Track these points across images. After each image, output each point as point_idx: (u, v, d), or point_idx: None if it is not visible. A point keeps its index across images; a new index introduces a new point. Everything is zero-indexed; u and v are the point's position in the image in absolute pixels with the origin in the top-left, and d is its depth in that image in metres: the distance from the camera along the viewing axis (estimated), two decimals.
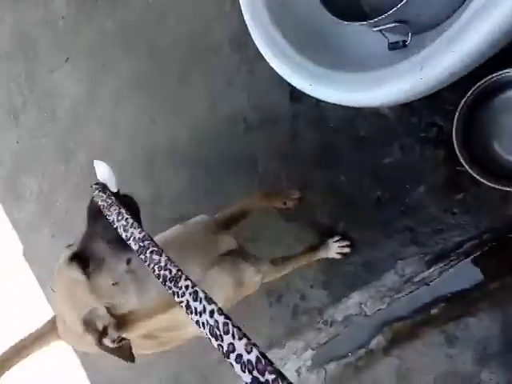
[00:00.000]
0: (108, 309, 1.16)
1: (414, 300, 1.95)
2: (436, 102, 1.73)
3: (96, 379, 3.08)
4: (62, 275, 1.15)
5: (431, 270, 1.87)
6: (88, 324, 1.13)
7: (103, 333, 1.14)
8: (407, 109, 1.78)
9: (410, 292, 1.95)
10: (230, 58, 2.13)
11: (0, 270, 3.33)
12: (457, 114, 1.59)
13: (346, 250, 2.01)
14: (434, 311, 1.92)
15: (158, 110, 2.36)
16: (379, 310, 2.02)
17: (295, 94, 2.00)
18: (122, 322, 1.20)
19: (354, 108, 1.86)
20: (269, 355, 1.86)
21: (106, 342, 1.14)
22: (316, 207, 2.01)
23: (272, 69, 1.95)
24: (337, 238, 2.02)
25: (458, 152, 1.60)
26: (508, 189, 1.47)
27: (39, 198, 2.92)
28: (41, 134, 2.82)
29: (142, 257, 0.89)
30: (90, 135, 2.61)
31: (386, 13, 1.23)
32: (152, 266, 0.86)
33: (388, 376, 2.03)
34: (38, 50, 2.76)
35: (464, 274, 1.84)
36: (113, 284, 1.17)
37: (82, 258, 1.13)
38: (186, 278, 0.77)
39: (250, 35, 1.58)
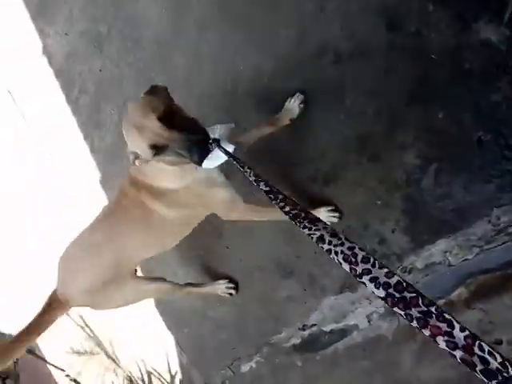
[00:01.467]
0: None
1: (505, 252, 1.82)
2: None
3: (164, 307, 3.17)
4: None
5: None
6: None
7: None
8: None
9: (503, 243, 1.81)
10: None
11: (77, 196, 3.44)
12: None
13: (333, 219, 2.10)
14: None
15: (242, 40, 2.27)
16: (465, 260, 1.91)
17: (393, 23, 1.84)
18: None
19: (459, 36, 1.71)
20: (340, 298, 1.82)
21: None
22: (406, 146, 1.88)
23: None
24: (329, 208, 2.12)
25: None
26: None
27: (119, 126, 2.95)
28: (123, 63, 2.82)
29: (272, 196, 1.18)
30: (172, 65, 2.57)
31: None
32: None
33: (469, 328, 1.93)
34: None
35: None
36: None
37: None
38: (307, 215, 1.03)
39: None
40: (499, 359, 0.61)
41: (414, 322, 0.68)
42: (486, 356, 0.62)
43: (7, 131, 3.79)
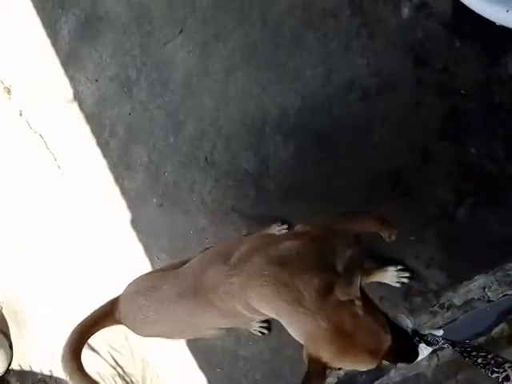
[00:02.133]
0: None
1: None
2: None
3: (195, 345, 3.15)
4: None
5: None
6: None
7: None
8: None
9: None
10: (349, 21, 2.02)
11: (108, 238, 3.48)
12: None
13: (404, 279, 1.99)
14: None
15: (269, 80, 2.32)
16: (505, 295, 1.86)
17: (419, 58, 1.86)
18: None
19: (488, 71, 1.71)
20: None
21: None
22: (439, 181, 1.86)
23: (394, 32, 1.83)
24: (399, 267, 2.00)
25: None
26: None
27: (148, 168, 3.01)
28: (152, 106, 2.89)
29: None
30: (200, 106, 2.63)
31: None
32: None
33: None
34: (153, 22, 2.81)
35: None
36: None
37: None
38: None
39: None
40: None
41: None
42: None
43: (40, 176, 3.88)
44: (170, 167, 2.89)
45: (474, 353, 1.06)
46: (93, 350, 3.85)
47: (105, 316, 1.90)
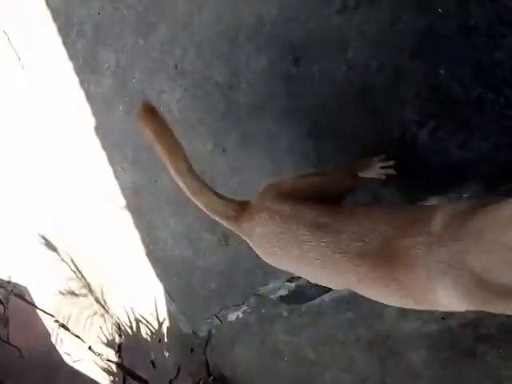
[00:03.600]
0: None
1: None
2: None
3: (154, 256, 3.19)
4: None
5: None
6: None
7: None
8: None
9: None
10: None
11: (71, 144, 3.42)
12: None
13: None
14: None
15: None
16: None
17: None
18: None
19: None
20: None
21: None
22: (406, 101, 1.87)
23: None
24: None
25: None
26: None
27: (116, 72, 2.91)
28: (123, 5, 2.74)
29: None
30: (173, 9, 2.51)
31: None
32: None
33: None
34: None
35: None
36: None
37: None
38: None
39: None
40: None
41: None
42: None
43: (1, 72, 3.71)
44: (139, 73, 2.80)
45: None
46: (53, 249, 3.89)
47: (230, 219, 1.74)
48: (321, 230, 1.43)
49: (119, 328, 3.87)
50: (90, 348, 4.14)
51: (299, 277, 2.44)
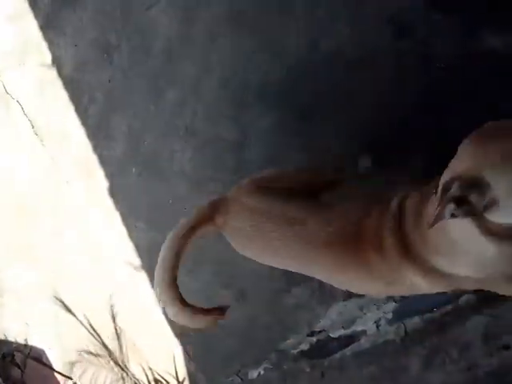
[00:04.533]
0: None
1: None
2: None
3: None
4: None
5: None
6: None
7: None
8: None
9: None
10: None
11: (86, 206, 3.47)
12: None
13: None
14: None
15: (253, 48, 2.32)
16: None
17: (401, 31, 1.89)
18: None
19: (466, 47, 1.75)
20: (348, 303, 1.82)
21: None
22: (418, 153, 1.91)
23: (379, 3, 1.85)
24: None
25: None
26: None
27: (128, 137, 2.99)
28: (133, 73, 2.86)
29: None
30: (182, 73, 2.62)
31: None
32: None
33: (475, 334, 1.95)
34: None
35: None
36: None
37: None
38: None
39: None
40: None
41: None
42: None
43: (17, 144, 3.82)
44: (150, 136, 2.88)
45: None
46: (70, 311, 3.87)
47: (203, 219, 1.65)
48: (288, 223, 1.44)
49: None
50: None
51: (320, 331, 2.43)
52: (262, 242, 1.53)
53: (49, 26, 3.38)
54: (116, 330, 3.71)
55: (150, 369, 3.53)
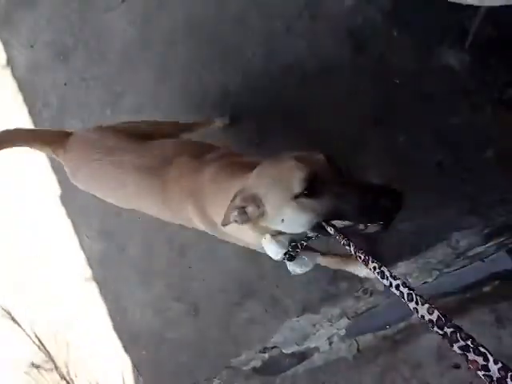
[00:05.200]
0: None
1: (465, 276, 1.84)
2: None
3: (120, 327, 3.07)
4: (289, 163, 1.13)
5: (489, 244, 1.75)
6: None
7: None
8: (482, 65, 1.64)
9: (462, 267, 1.83)
10: (293, 2, 2.01)
11: (35, 211, 3.34)
12: None
13: None
14: (486, 289, 1.81)
15: (210, 56, 2.28)
16: (425, 283, 1.92)
17: (358, 45, 1.88)
18: None
19: (422, 61, 1.75)
20: (301, 320, 1.79)
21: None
22: (368, 167, 1.89)
23: (336, 17, 1.84)
24: None
25: None
26: None
27: None
28: (89, 76, 2.78)
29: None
30: (139, 79, 2.55)
31: None
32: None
33: (427, 353, 1.93)
34: None
35: None
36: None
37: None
38: (373, 261, 0.96)
39: None
40: None
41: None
42: None
43: None
44: None
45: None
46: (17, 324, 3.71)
47: (51, 141, 1.76)
48: (110, 153, 1.59)
49: None
50: None
51: (272, 347, 2.37)
52: (93, 174, 1.65)
53: (4, 25, 3.26)
54: (64, 343, 3.57)
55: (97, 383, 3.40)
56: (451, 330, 0.69)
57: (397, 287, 0.82)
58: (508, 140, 1.63)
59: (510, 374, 0.61)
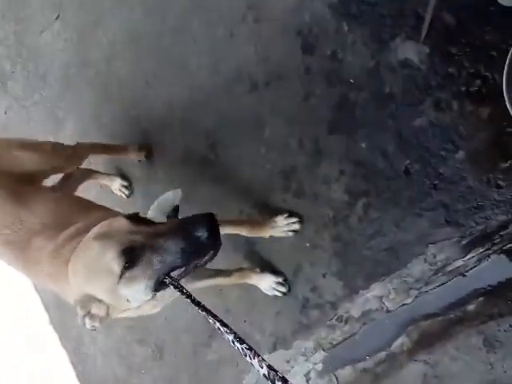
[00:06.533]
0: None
1: (446, 294, 1.67)
2: (480, 47, 1.45)
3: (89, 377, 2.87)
4: (94, 248, 1.07)
5: (468, 256, 1.59)
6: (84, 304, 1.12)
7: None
8: (443, 56, 1.49)
9: (442, 284, 1.67)
10: (235, 5, 1.88)
11: None
12: (507, 61, 1.31)
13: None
14: (470, 307, 1.64)
15: (153, 70, 2.15)
16: (404, 304, 1.75)
17: (308, 45, 1.74)
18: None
19: (377, 57, 1.62)
20: (274, 357, 1.62)
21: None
22: (331, 180, 1.74)
23: (281, 17, 1.72)
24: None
25: (509, 107, 1.32)
26: None
27: None
28: (29, 102, 2.64)
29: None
30: (80, 101, 2.41)
31: None
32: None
33: None
34: (28, 9, 2.57)
35: (508, 263, 1.55)
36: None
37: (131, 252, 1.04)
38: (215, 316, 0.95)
39: None
40: None
41: None
42: None
43: None
44: None
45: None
46: None
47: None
48: None
49: None
50: None
51: None
52: None
53: None
54: None
55: None
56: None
57: (233, 342, 0.86)
58: (480, 138, 1.49)
59: None
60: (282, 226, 1.85)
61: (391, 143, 1.61)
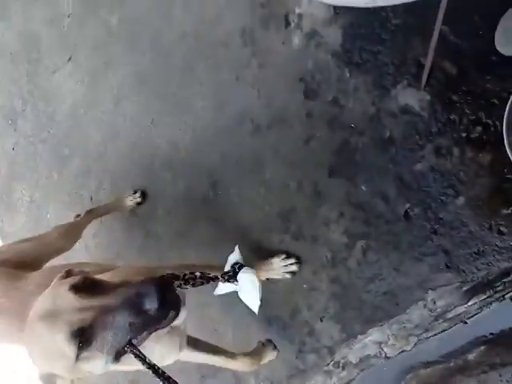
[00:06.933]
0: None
1: (446, 341, 1.62)
2: (481, 94, 1.46)
3: None
4: (43, 331, 0.97)
5: (470, 303, 1.55)
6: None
7: None
8: (444, 103, 1.50)
9: (443, 331, 1.62)
10: (240, 52, 1.92)
11: None
12: (507, 108, 1.32)
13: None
14: (471, 356, 1.58)
15: (158, 111, 2.17)
16: (403, 351, 1.69)
17: (310, 90, 1.76)
18: None
19: (378, 103, 1.63)
20: None
21: None
22: (330, 222, 1.72)
23: (285, 62, 1.74)
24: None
25: (509, 154, 1.31)
26: None
27: (30, 208, 2.72)
28: (37, 139, 2.66)
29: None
30: (86, 140, 2.43)
31: None
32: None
33: None
34: (41, 50, 2.64)
35: (511, 310, 1.50)
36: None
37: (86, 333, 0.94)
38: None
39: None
40: None
41: None
42: None
43: None
44: (53, 208, 2.61)
45: None
46: None
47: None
48: None
49: None
50: None
51: None
52: None
53: None
54: None
55: None
56: None
57: None
58: (480, 184, 1.48)
59: None
60: (279, 268, 1.81)
61: (391, 187, 1.60)
